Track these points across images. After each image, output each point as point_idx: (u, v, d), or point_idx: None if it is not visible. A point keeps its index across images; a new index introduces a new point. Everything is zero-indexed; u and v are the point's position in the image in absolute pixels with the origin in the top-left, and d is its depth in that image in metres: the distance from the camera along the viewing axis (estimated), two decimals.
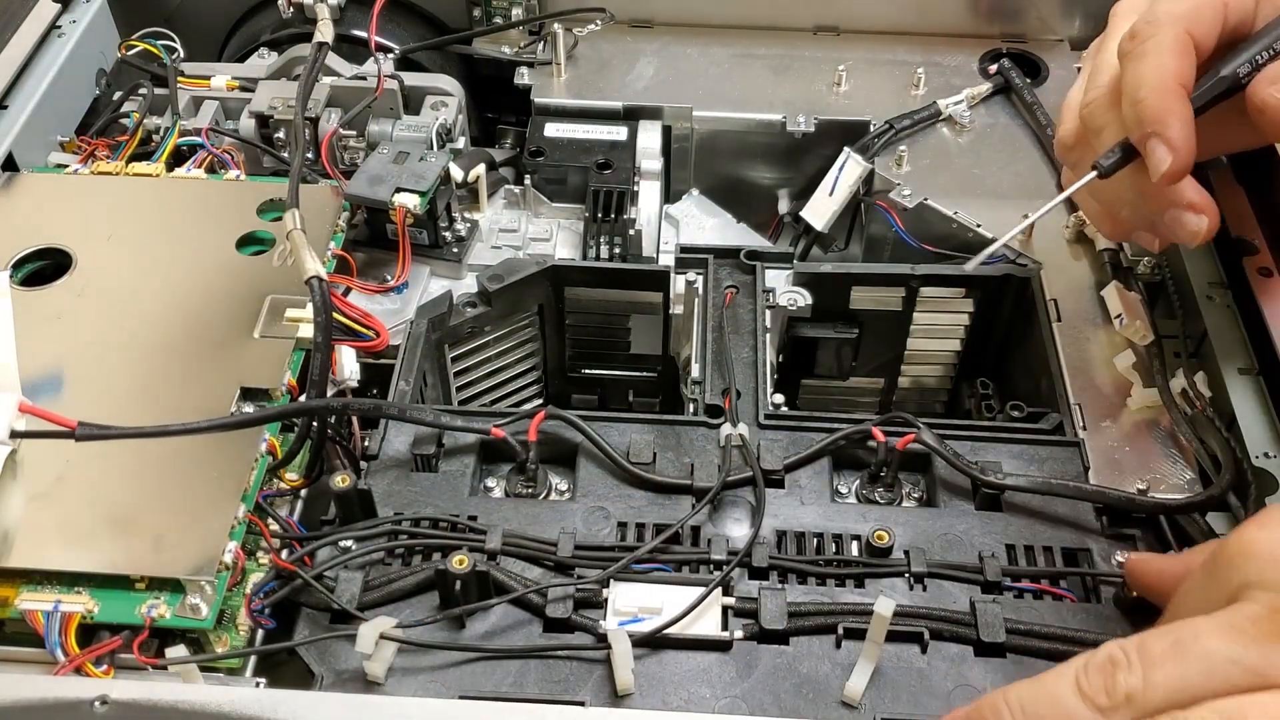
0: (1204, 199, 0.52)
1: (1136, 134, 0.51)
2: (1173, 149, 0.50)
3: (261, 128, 0.74)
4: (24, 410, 0.49)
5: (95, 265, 0.64)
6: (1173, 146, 0.49)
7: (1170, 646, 0.38)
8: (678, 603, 0.49)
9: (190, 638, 0.50)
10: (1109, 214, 0.57)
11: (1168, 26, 0.50)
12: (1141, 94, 0.50)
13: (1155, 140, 0.50)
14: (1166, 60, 0.50)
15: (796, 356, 0.70)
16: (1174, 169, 0.50)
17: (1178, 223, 0.53)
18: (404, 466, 0.55)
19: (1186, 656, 0.37)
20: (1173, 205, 0.52)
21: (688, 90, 0.80)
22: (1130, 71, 0.51)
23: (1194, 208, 0.52)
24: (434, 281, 0.69)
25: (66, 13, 0.78)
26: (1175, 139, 0.49)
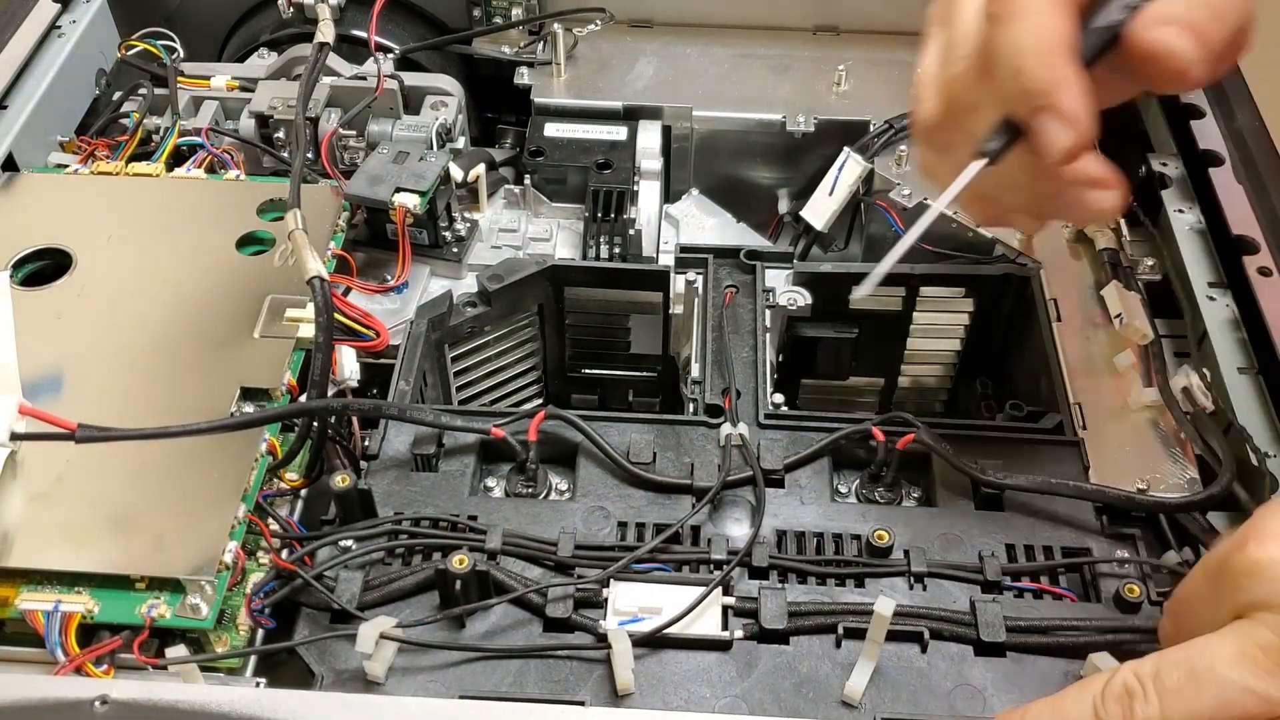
0: (1108, 171, 0.45)
1: (1022, 109, 0.42)
2: (1070, 122, 0.41)
3: (261, 128, 0.74)
4: (24, 412, 0.49)
5: (95, 265, 0.64)
6: (1069, 119, 0.41)
7: (1185, 677, 0.38)
8: (678, 602, 0.49)
9: (190, 638, 0.50)
10: (983, 199, 0.48)
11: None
12: (1022, 61, 0.41)
13: (1047, 115, 0.41)
14: (1047, 20, 0.41)
15: (796, 356, 0.70)
16: (1074, 145, 0.42)
17: (1080, 203, 0.45)
18: (404, 466, 0.55)
19: (1201, 686, 0.38)
20: (1072, 184, 0.44)
21: (687, 90, 0.80)
22: (1003, 37, 0.42)
23: (1099, 183, 0.44)
24: (434, 281, 0.69)
25: (66, 13, 0.78)
26: (1071, 110, 0.41)
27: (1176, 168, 0.70)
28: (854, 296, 0.52)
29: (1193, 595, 0.43)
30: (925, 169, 0.48)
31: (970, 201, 0.49)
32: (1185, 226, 0.67)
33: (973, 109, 0.45)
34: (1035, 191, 0.46)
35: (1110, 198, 0.45)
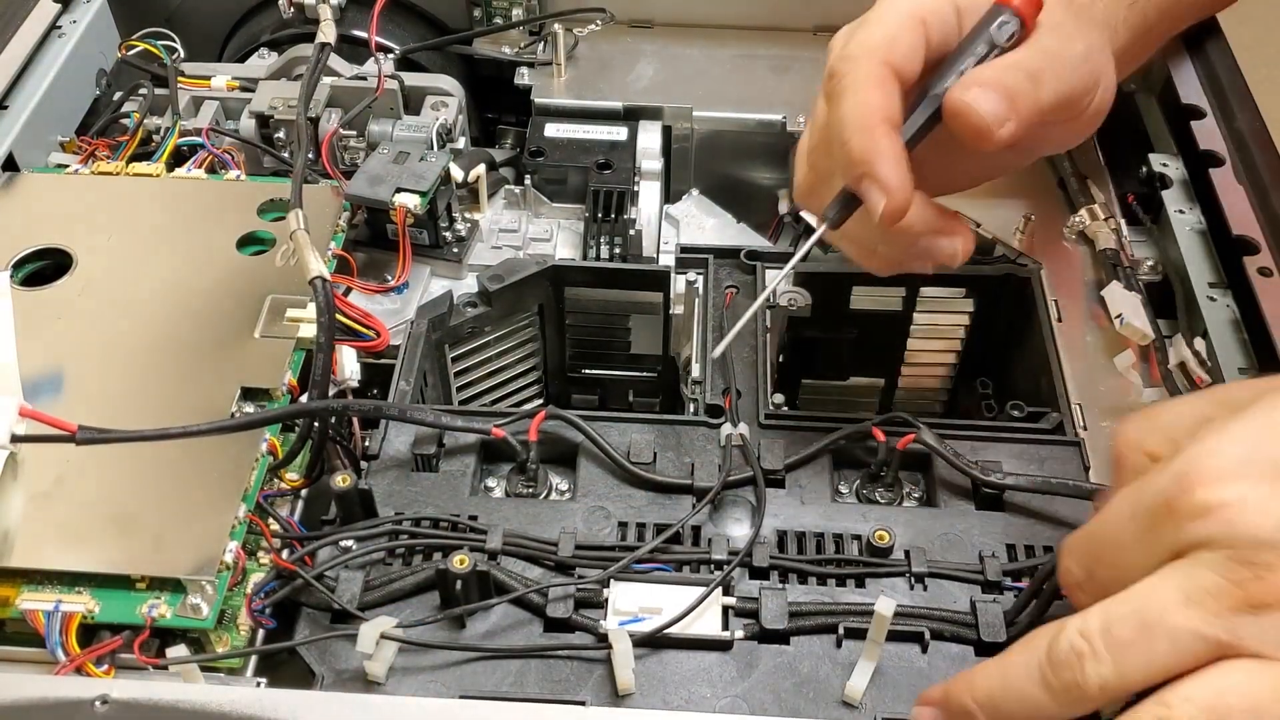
0: (949, 221, 0.50)
1: (849, 177, 0.47)
2: (885, 189, 0.46)
3: (262, 128, 0.74)
4: (24, 414, 0.49)
5: (95, 265, 0.64)
6: (885, 186, 0.46)
7: (1136, 630, 0.37)
8: (678, 602, 0.49)
9: (191, 638, 0.50)
10: (866, 253, 0.53)
11: (863, 60, 0.47)
12: (845, 135, 0.46)
13: (867, 182, 0.46)
14: (865, 96, 0.46)
15: (796, 356, 0.70)
16: (890, 209, 0.46)
17: (931, 250, 0.50)
18: (404, 466, 0.55)
19: (1154, 638, 0.37)
20: (920, 236, 0.49)
21: (688, 90, 0.80)
22: (833, 114, 0.47)
23: (941, 232, 0.50)
24: (434, 281, 0.69)
25: (67, 13, 0.78)
26: (885, 177, 0.46)
27: (1177, 168, 0.70)
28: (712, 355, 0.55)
29: (1119, 536, 0.41)
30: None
31: (862, 258, 0.54)
32: (1186, 227, 0.67)
33: (827, 178, 0.51)
34: (895, 245, 0.51)
35: (952, 244, 0.50)
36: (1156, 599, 0.37)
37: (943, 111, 0.48)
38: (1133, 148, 0.73)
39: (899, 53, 0.47)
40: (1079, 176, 0.72)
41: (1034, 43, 0.49)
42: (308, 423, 0.55)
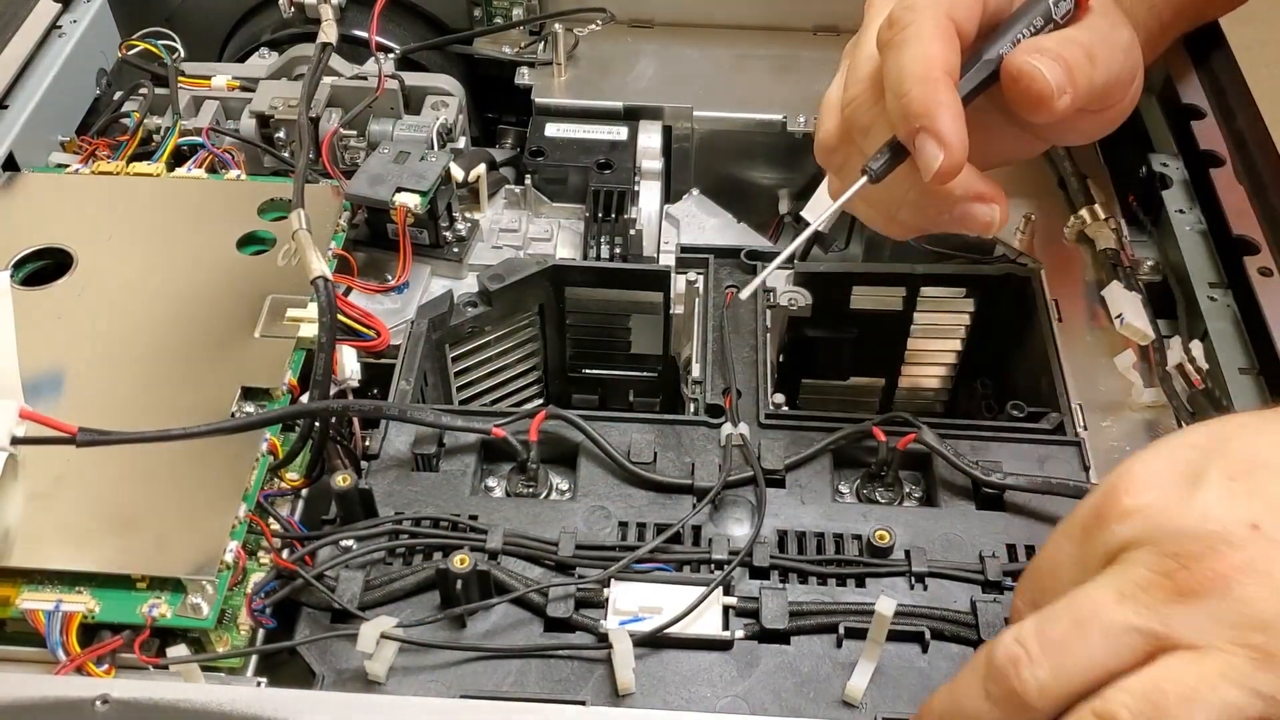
0: (990, 187, 0.49)
1: (904, 130, 0.46)
2: (944, 144, 0.45)
3: (262, 127, 0.74)
4: (25, 416, 0.49)
5: (96, 265, 0.64)
6: (944, 141, 0.45)
7: (1070, 627, 0.37)
8: (679, 602, 0.49)
9: (191, 637, 0.50)
10: (886, 216, 0.52)
11: (927, 11, 0.46)
12: (906, 86, 0.45)
13: (924, 135, 0.45)
14: (929, 48, 0.45)
15: (796, 356, 0.70)
16: (947, 166, 0.45)
17: (967, 217, 0.49)
18: (405, 466, 0.55)
19: (1087, 634, 0.37)
20: (959, 201, 0.48)
21: (688, 90, 0.80)
22: (891, 62, 0.46)
23: (982, 198, 0.48)
24: (435, 281, 0.69)
25: (67, 12, 0.78)
26: (945, 132, 0.45)
27: (1177, 168, 0.70)
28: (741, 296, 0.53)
29: (1055, 559, 0.41)
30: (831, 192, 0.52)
31: (877, 222, 0.53)
32: (1186, 227, 0.67)
33: (866, 130, 0.49)
34: (926, 209, 0.50)
35: (990, 211, 0.49)
36: (1089, 599, 0.38)
37: (1002, 75, 0.47)
38: (1133, 148, 0.73)
39: (962, 8, 0.47)
40: (1079, 176, 0.72)
41: (1087, 23, 0.49)
42: (308, 423, 0.55)
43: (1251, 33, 0.71)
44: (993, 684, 0.38)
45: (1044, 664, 0.37)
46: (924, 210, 0.50)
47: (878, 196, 0.50)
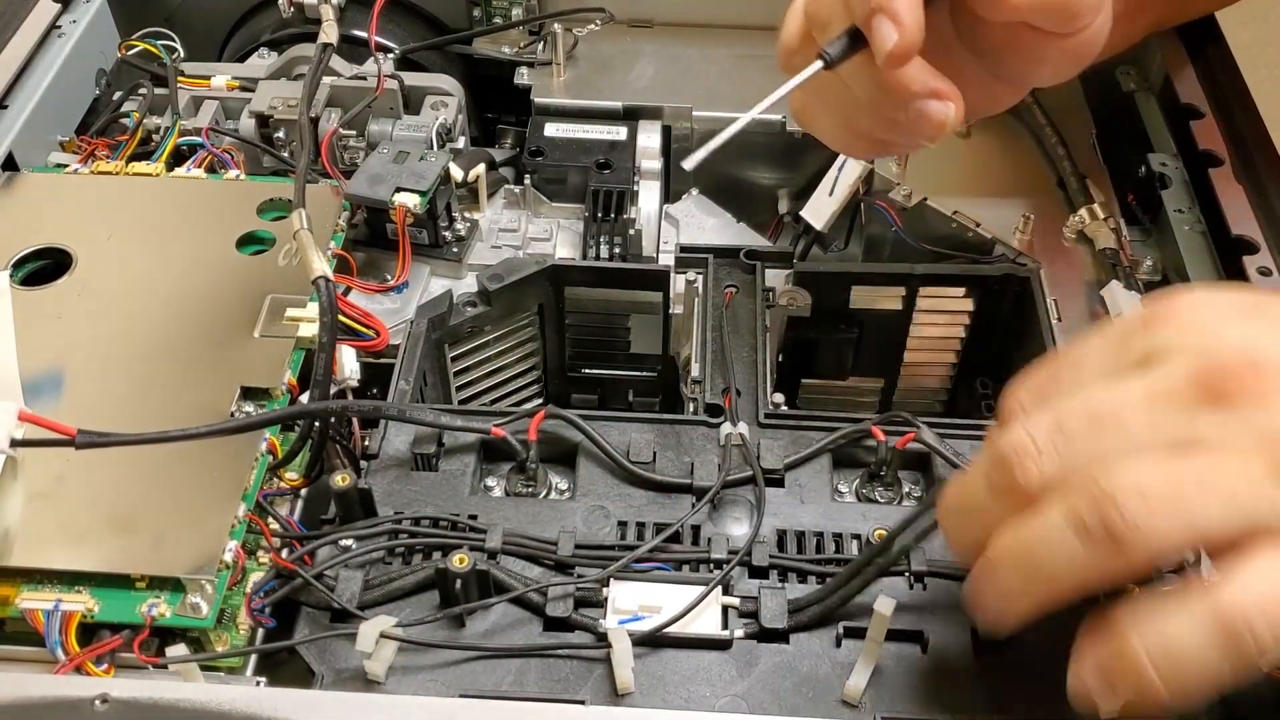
0: (946, 85, 0.47)
1: (860, 13, 0.45)
2: (898, 23, 0.44)
3: (261, 127, 0.74)
4: (24, 419, 0.49)
5: (95, 265, 0.64)
6: (898, 20, 0.44)
7: (1086, 422, 0.35)
8: (678, 601, 0.49)
9: (190, 637, 0.50)
10: (843, 124, 0.51)
11: None
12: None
13: (879, 17, 0.44)
14: None
15: (796, 356, 0.70)
16: (900, 47, 0.44)
17: (922, 116, 0.47)
18: (404, 466, 0.55)
19: (1103, 431, 0.35)
20: (914, 96, 0.47)
21: (688, 90, 0.80)
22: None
23: (937, 94, 0.47)
24: (434, 281, 0.69)
25: (66, 13, 0.78)
26: (900, 12, 0.44)
27: (1176, 168, 0.70)
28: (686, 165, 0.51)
29: (1083, 354, 0.39)
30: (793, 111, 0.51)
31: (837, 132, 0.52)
32: (1185, 226, 0.67)
33: (825, 25, 0.48)
34: (883, 106, 0.48)
35: (944, 109, 0.47)
36: (1112, 396, 0.36)
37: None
38: (1132, 148, 0.73)
39: None
40: (1078, 176, 0.72)
41: None
42: (308, 423, 0.55)
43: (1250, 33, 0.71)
44: (996, 473, 0.36)
45: (1052, 457, 0.35)
46: (879, 112, 0.49)
47: (834, 97, 0.50)
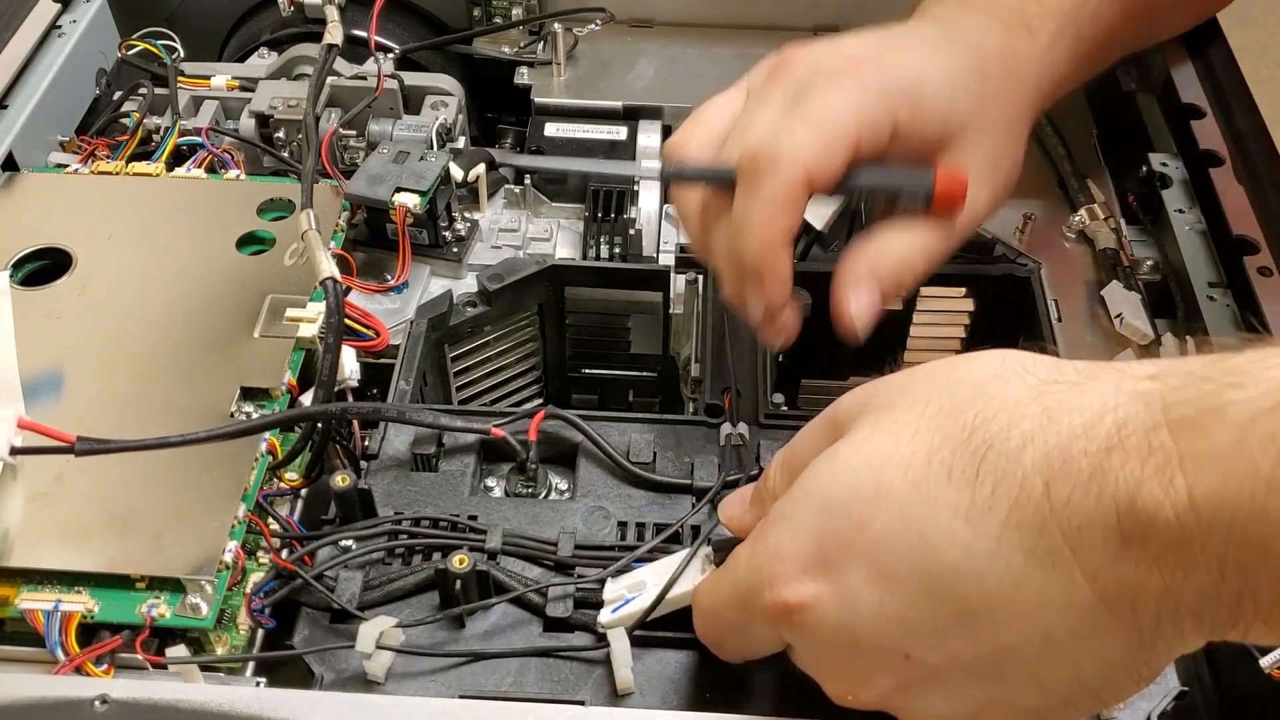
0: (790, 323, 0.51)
1: (737, 269, 0.50)
2: (766, 302, 0.49)
3: (261, 127, 0.74)
4: (23, 425, 0.49)
5: (95, 265, 0.64)
6: (767, 301, 0.49)
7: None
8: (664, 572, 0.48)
9: (190, 637, 0.50)
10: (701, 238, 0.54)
11: (787, 170, 0.47)
12: (745, 241, 0.48)
13: (753, 288, 0.49)
14: (776, 214, 0.47)
15: (796, 356, 0.70)
16: (765, 318, 0.50)
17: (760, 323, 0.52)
18: (404, 466, 0.55)
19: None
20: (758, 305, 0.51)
21: (688, 90, 0.79)
22: (741, 203, 0.48)
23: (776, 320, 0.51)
24: (434, 281, 0.69)
25: (66, 12, 0.78)
26: (770, 295, 0.49)
27: (1177, 168, 0.70)
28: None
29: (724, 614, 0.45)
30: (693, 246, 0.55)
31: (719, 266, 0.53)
32: (1186, 226, 0.67)
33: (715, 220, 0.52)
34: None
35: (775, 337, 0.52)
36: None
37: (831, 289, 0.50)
38: (1133, 147, 0.73)
39: (823, 170, 0.48)
40: (1079, 176, 0.72)
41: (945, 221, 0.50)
42: (310, 425, 0.55)
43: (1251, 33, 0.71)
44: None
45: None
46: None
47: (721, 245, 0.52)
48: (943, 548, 0.37)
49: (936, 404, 0.39)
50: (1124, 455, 0.34)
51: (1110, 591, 0.35)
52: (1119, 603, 0.35)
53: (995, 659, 0.37)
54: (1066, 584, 0.35)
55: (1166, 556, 0.33)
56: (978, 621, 0.37)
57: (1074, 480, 0.34)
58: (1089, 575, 0.35)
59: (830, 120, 0.47)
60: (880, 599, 0.38)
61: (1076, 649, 0.36)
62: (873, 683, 0.40)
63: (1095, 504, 0.34)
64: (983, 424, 0.37)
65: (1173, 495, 0.33)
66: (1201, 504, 0.32)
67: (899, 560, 0.38)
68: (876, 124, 0.48)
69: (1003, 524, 0.36)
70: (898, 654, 0.39)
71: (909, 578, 0.37)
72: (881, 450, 0.39)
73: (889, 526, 0.38)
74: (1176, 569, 0.33)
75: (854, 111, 0.48)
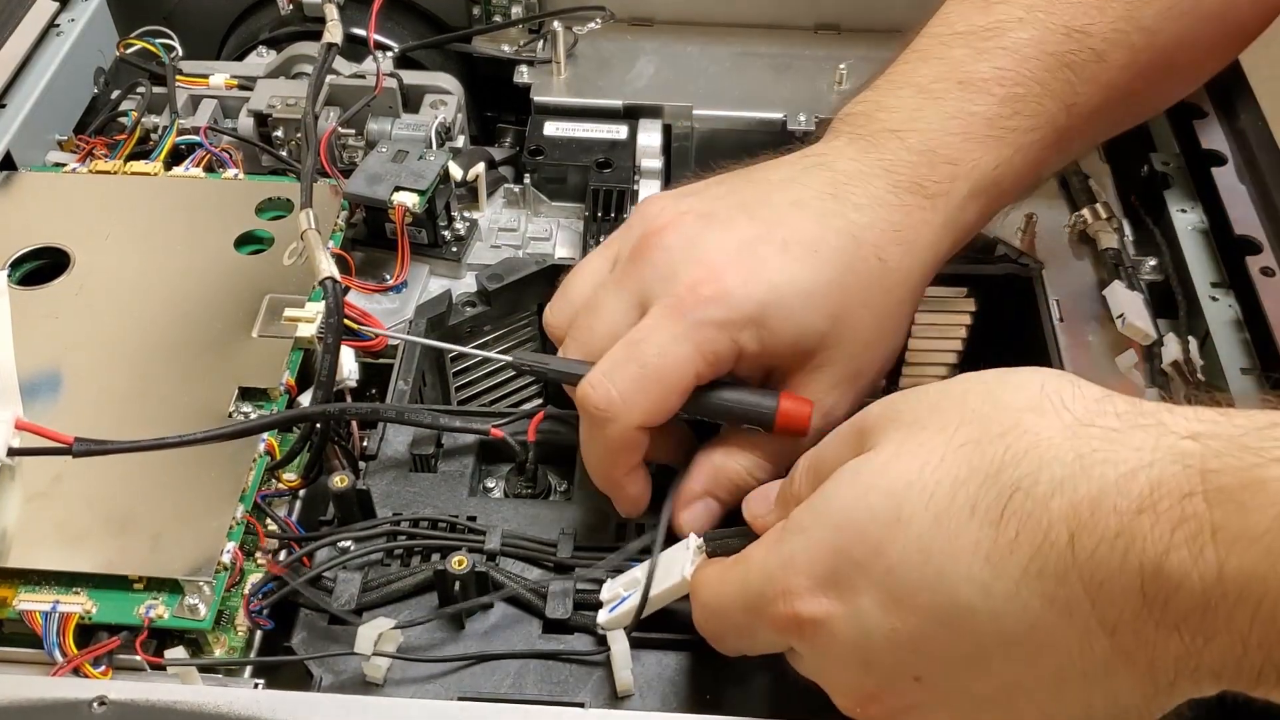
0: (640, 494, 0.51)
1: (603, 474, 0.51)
2: (624, 512, 0.51)
3: (260, 126, 0.74)
4: (20, 427, 0.49)
5: (93, 264, 0.63)
6: (624, 511, 0.51)
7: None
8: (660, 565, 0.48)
9: (189, 638, 0.50)
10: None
11: (620, 424, 0.47)
12: (592, 469, 0.50)
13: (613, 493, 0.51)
14: (616, 458, 0.49)
15: None
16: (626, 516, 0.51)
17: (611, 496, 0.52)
18: (403, 467, 0.55)
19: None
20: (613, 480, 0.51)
21: (688, 89, 0.79)
22: (585, 434, 0.49)
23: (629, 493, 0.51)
24: (433, 281, 0.69)
25: (65, 11, 0.78)
26: (626, 509, 0.51)
27: (1179, 167, 0.70)
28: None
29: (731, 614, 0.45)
30: None
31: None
32: (1188, 226, 0.67)
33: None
34: None
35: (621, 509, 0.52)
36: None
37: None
38: (1134, 147, 0.73)
39: (657, 416, 0.48)
40: (1080, 176, 0.71)
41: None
42: (309, 426, 0.55)
43: None
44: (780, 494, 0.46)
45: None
46: None
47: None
48: (960, 585, 0.36)
49: (967, 432, 0.38)
50: (1155, 518, 0.33)
51: (1128, 647, 0.34)
52: (1136, 656, 0.34)
53: (1007, 692, 0.37)
54: (1083, 633, 0.35)
55: (1189, 623, 0.33)
56: (990, 657, 0.37)
57: (1101, 536, 0.34)
58: (1107, 629, 0.34)
59: (665, 370, 0.47)
60: (893, 626, 0.38)
61: (1089, 691, 0.36)
62: (882, 701, 0.40)
63: (1120, 562, 0.33)
64: (1013, 462, 0.36)
65: (1201, 567, 0.32)
66: (1230, 580, 0.32)
67: (914, 592, 0.37)
68: (718, 356, 0.48)
69: (1024, 569, 0.35)
70: (908, 677, 0.39)
71: (923, 610, 0.37)
72: (905, 475, 0.38)
73: (906, 558, 0.37)
74: (1198, 635, 0.33)
75: (693, 353, 0.47)
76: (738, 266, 0.48)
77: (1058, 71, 0.52)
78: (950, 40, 0.53)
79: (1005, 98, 0.51)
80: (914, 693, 0.39)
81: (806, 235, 0.49)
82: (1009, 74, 0.52)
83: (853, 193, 0.50)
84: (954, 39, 0.53)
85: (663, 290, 0.48)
